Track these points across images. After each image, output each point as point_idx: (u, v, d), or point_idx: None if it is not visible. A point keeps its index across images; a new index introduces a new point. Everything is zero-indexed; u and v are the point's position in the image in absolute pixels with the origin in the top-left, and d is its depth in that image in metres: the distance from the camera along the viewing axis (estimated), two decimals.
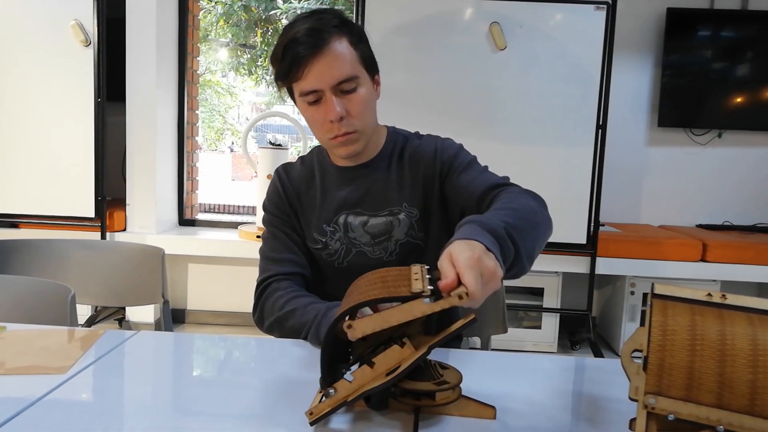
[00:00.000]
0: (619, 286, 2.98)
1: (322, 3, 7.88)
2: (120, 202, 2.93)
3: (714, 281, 2.80)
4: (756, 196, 3.21)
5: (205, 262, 3.15)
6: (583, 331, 2.95)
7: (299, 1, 7.57)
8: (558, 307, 2.91)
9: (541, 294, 2.90)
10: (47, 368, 0.82)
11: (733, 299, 0.59)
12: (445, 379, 0.71)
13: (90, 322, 2.92)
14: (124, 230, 2.92)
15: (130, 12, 2.79)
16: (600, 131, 2.62)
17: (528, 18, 2.57)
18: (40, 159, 2.72)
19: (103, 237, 2.73)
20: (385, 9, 2.61)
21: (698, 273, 2.75)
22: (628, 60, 3.13)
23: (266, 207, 1.17)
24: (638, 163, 3.22)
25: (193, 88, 3.27)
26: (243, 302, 3.16)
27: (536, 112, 2.63)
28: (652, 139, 3.21)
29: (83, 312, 2.92)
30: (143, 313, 2.95)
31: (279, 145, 2.95)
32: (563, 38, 2.58)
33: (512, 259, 0.80)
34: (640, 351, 0.60)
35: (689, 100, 3.11)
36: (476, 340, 1.42)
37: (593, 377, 0.91)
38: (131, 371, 0.87)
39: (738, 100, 3.10)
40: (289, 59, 0.98)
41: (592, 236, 2.67)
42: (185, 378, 0.87)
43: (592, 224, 2.66)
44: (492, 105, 2.64)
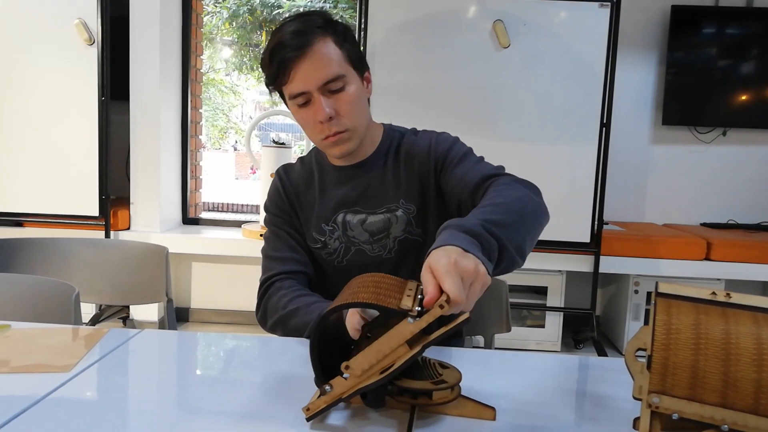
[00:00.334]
0: (623, 285, 2.97)
1: (325, 2, 7.88)
2: (124, 201, 2.94)
3: (718, 280, 2.79)
4: (761, 195, 3.20)
5: (209, 261, 3.16)
6: (587, 330, 2.94)
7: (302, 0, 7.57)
8: (562, 306, 2.90)
9: (545, 293, 2.90)
10: (51, 366, 0.82)
11: (738, 298, 0.59)
12: (444, 379, 0.72)
13: (94, 321, 2.94)
14: (128, 229, 2.92)
15: (134, 11, 2.80)
16: (604, 129, 2.61)
17: (532, 16, 2.57)
18: (45, 158, 2.73)
19: (107, 235, 2.74)
20: (389, 7, 2.61)
21: (702, 272, 2.74)
22: (633, 58, 3.12)
23: (267, 207, 1.18)
24: (642, 162, 3.21)
25: (197, 87, 3.28)
26: (246, 301, 3.16)
27: (540, 110, 2.62)
28: (657, 138, 3.20)
29: (87, 310, 2.95)
30: (147, 312, 2.96)
31: (282, 144, 2.95)
32: (567, 36, 2.57)
33: (498, 254, 0.79)
34: (644, 350, 0.60)
35: (694, 98, 3.09)
36: (479, 339, 1.42)
37: (597, 376, 0.91)
38: (135, 369, 0.87)
39: (743, 98, 3.09)
40: (276, 63, 0.99)
41: (596, 235, 2.67)
42: (189, 376, 0.88)
43: (596, 223, 2.66)
44: (495, 103, 2.63)
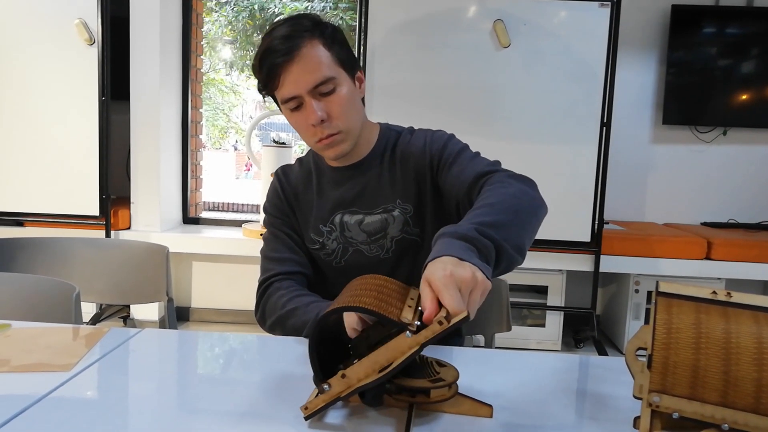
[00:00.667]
0: (624, 284, 2.97)
1: (326, 2, 7.87)
2: (124, 201, 2.94)
3: (719, 279, 2.79)
4: (761, 194, 3.19)
5: (209, 260, 3.16)
6: (588, 329, 2.94)
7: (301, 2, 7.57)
8: (562, 305, 2.90)
9: (545, 292, 2.90)
10: (52, 366, 0.82)
11: (739, 297, 0.59)
12: (441, 377, 0.72)
13: (95, 320, 2.94)
14: (129, 228, 2.93)
15: (134, 11, 2.80)
16: (604, 129, 2.61)
17: (532, 15, 2.56)
18: (45, 157, 2.73)
19: (108, 235, 2.74)
20: (389, 7, 2.60)
21: (703, 271, 2.74)
22: (633, 57, 3.12)
23: (266, 209, 1.19)
24: (643, 161, 3.21)
25: (197, 87, 3.28)
26: (246, 300, 3.17)
27: (540, 110, 2.62)
28: (657, 137, 3.20)
29: (88, 310, 2.95)
30: (147, 311, 2.96)
31: (282, 143, 2.95)
32: (567, 35, 2.57)
33: (496, 255, 0.79)
34: (645, 349, 0.59)
35: (694, 98, 3.09)
36: (480, 338, 1.41)
37: (597, 375, 0.91)
38: (135, 369, 0.87)
39: (743, 98, 3.09)
40: (266, 69, 1.00)
41: (597, 234, 2.66)
42: (189, 375, 0.88)
43: (597, 222, 2.66)
44: (496, 103, 2.63)
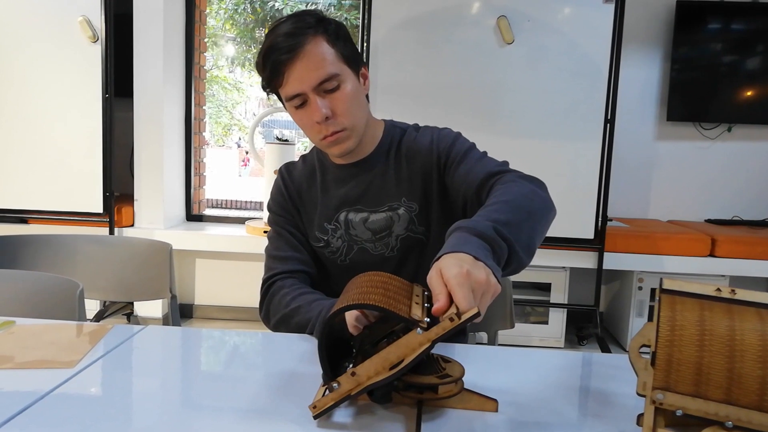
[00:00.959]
0: (627, 282, 2.97)
1: (329, 2, 7.85)
2: (128, 198, 2.95)
3: (723, 276, 2.78)
4: (766, 191, 3.18)
5: (213, 258, 3.17)
6: (591, 327, 2.94)
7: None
8: (565, 303, 2.90)
9: (549, 289, 2.89)
10: (56, 362, 0.83)
11: (743, 294, 0.59)
12: (448, 373, 0.72)
13: (98, 317, 2.95)
14: (132, 225, 2.93)
15: (138, 8, 2.80)
16: (608, 125, 2.60)
17: (536, 12, 2.55)
18: (49, 155, 2.74)
19: (111, 232, 2.75)
20: (392, 3, 2.60)
21: (707, 268, 2.73)
22: (637, 53, 3.11)
23: (270, 207, 1.18)
24: (647, 158, 3.20)
25: (200, 84, 3.28)
26: (250, 297, 3.17)
27: (544, 107, 2.61)
28: (661, 134, 3.18)
29: (92, 307, 2.96)
30: (151, 308, 2.97)
31: (286, 141, 2.95)
32: (571, 32, 2.56)
33: (507, 257, 0.79)
34: (648, 346, 0.59)
35: (698, 94, 3.08)
36: (483, 336, 1.41)
37: (600, 372, 0.91)
38: (139, 366, 0.87)
39: (748, 94, 3.07)
40: (270, 67, 0.99)
41: (600, 231, 2.66)
42: (193, 372, 0.88)
43: (600, 219, 2.65)
44: (499, 99, 2.63)
